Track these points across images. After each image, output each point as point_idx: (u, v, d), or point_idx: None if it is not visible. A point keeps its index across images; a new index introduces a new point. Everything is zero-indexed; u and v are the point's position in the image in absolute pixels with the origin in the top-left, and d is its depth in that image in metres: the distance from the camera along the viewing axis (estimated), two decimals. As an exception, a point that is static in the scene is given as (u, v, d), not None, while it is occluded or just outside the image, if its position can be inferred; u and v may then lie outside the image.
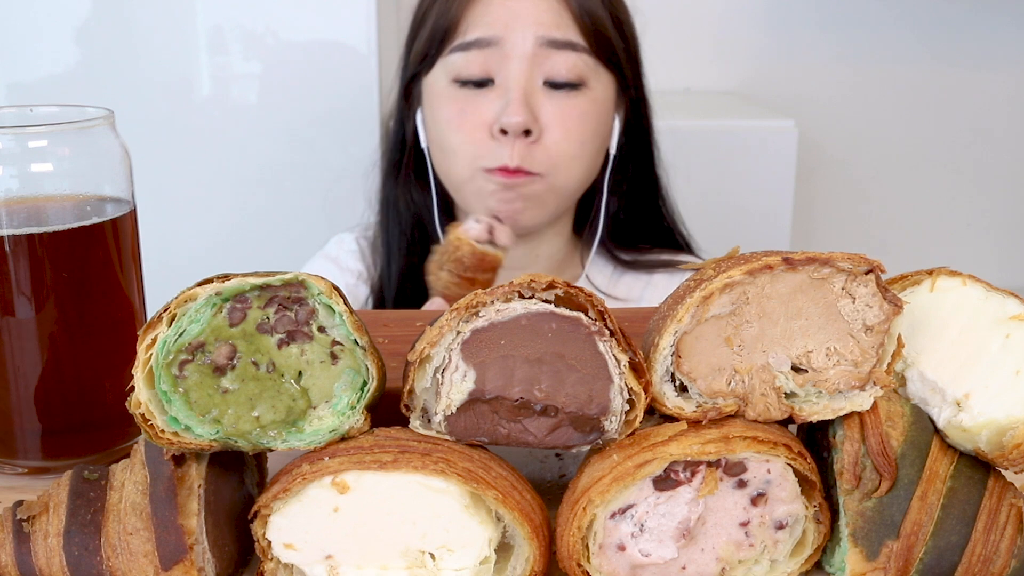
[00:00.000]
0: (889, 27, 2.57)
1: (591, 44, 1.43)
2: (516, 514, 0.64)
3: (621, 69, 1.48)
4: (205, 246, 2.07)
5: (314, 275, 0.64)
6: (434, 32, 1.46)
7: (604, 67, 1.45)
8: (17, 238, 0.79)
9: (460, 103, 1.44)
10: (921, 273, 0.71)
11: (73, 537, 0.65)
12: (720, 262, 0.67)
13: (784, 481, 0.65)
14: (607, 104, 1.48)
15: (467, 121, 1.44)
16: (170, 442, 0.64)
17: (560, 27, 1.42)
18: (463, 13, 1.44)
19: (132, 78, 1.97)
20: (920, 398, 0.68)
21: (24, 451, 0.84)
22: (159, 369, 0.63)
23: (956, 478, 0.65)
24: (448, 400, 0.64)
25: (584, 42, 1.42)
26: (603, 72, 1.46)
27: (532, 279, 0.63)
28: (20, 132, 0.80)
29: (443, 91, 1.46)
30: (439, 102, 1.47)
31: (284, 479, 0.65)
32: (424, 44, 1.48)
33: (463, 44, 1.43)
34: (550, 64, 1.42)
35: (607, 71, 1.46)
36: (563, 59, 1.41)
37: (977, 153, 2.68)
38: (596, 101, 1.46)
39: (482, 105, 1.43)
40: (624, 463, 0.64)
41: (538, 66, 1.42)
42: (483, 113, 1.43)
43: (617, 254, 1.59)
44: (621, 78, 1.49)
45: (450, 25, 1.44)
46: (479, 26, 1.43)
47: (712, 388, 0.66)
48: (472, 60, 1.43)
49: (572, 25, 1.43)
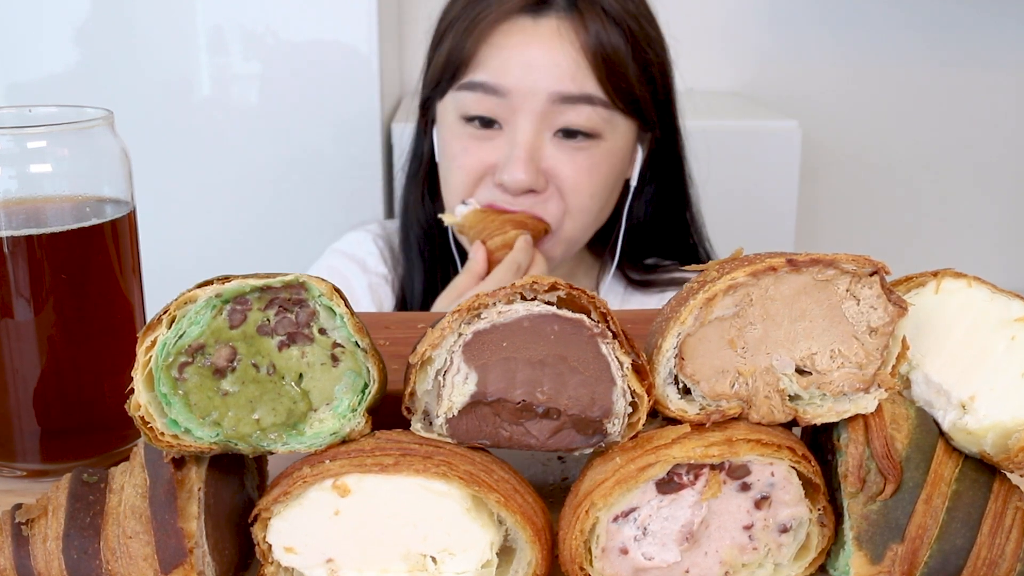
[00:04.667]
0: (893, 27, 2.56)
1: (610, 94, 1.35)
2: (518, 517, 0.64)
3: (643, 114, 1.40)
4: (205, 247, 2.06)
5: (315, 277, 0.64)
6: (447, 63, 1.40)
7: (623, 115, 1.38)
8: (16, 239, 0.79)
9: (465, 141, 1.39)
10: (926, 275, 0.70)
11: (72, 540, 0.64)
12: (723, 263, 0.67)
13: (788, 484, 0.65)
14: (624, 152, 1.41)
15: (469, 160, 1.39)
16: (170, 445, 0.63)
17: (576, 79, 1.33)
18: (476, 50, 1.37)
19: (132, 78, 1.97)
20: (925, 400, 0.67)
21: (23, 454, 0.84)
22: (159, 371, 0.62)
23: (961, 481, 0.65)
24: (450, 402, 0.64)
25: (602, 93, 1.34)
26: (622, 120, 1.38)
27: (534, 280, 0.63)
28: (19, 133, 0.80)
29: (451, 125, 1.41)
30: (447, 134, 1.43)
31: (284, 482, 0.64)
32: (437, 72, 1.43)
33: (471, 84, 1.37)
34: (562, 119, 1.35)
35: (626, 118, 1.39)
36: (576, 113, 1.34)
37: (982, 154, 2.67)
38: (610, 153, 1.38)
39: (486, 147, 1.37)
40: (627, 466, 0.64)
41: (548, 120, 1.35)
42: (486, 156, 1.37)
43: (630, 274, 1.53)
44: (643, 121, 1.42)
45: (462, 60, 1.38)
46: (490, 69, 1.36)
47: (715, 390, 0.65)
48: (479, 103, 1.37)
49: (590, 75, 1.34)
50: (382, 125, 2.02)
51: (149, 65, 1.97)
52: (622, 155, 1.41)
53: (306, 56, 1.98)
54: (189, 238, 2.05)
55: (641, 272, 1.54)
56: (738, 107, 2.42)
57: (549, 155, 1.36)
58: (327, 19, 1.97)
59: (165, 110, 1.99)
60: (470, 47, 1.37)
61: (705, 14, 2.52)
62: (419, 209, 1.54)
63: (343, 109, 2.00)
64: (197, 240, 2.06)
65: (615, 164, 1.40)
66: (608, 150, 1.38)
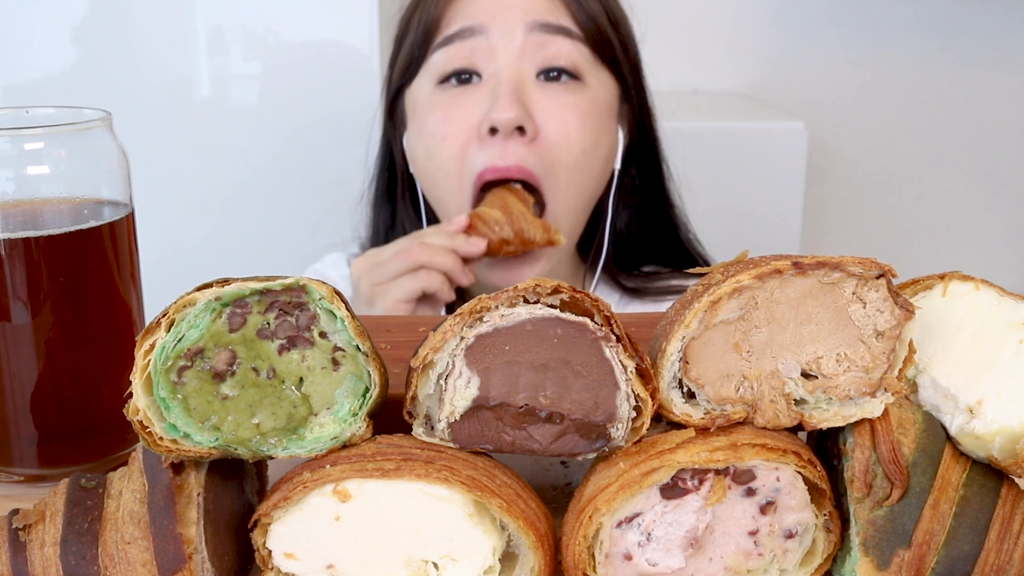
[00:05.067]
0: (899, 28, 2.56)
1: (586, 34, 1.32)
2: (521, 523, 0.64)
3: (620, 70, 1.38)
4: (204, 250, 2.06)
5: (315, 279, 0.63)
6: (416, 36, 1.36)
7: (602, 64, 1.35)
8: (13, 242, 0.78)
9: (444, 107, 1.33)
10: (933, 277, 0.70)
11: (70, 546, 0.64)
12: (728, 266, 0.66)
13: (794, 489, 0.64)
14: (608, 108, 1.37)
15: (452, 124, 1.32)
16: (169, 449, 0.63)
17: (553, 12, 1.31)
18: (445, 8, 1.33)
19: (130, 79, 1.96)
20: (932, 405, 0.67)
21: (20, 459, 0.83)
22: (157, 375, 0.62)
23: (969, 486, 0.64)
24: (452, 407, 0.64)
25: (579, 31, 1.31)
26: (602, 71, 1.35)
27: (537, 283, 0.62)
28: (16, 134, 0.79)
29: (427, 99, 1.35)
30: (423, 112, 1.36)
31: (285, 487, 0.64)
32: (407, 52, 1.38)
33: (446, 38, 1.33)
34: (543, 53, 1.30)
35: (605, 70, 1.36)
36: (557, 45, 1.30)
37: (989, 155, 2.66)
38: (596, 102, 1.34)
39: (467, 104, 1.31)
40: (631, 471, 0.63)
41: (529, 56, 1.30)
42: (469, 113, 1.31)
43: (621, 280, 1.49)
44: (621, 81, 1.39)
45: (432, 23, 1.34)
46: (462, 16, 1.32)
47: (720, 394, 0.65)
48: (455, 53, 1.31)
49: (565, 12, 1.32)
50: (382, 127, 2.01)
51: (148, 65, 1.97)
52: (607, 110, 1.37)
53: (306, 56, 1.98)
54: (188, 240, 2.04)
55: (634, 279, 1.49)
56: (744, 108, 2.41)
57: (535, 99, 1.30)
58: (327, 19, 1.96)
59: (164, 111, 1.99)
60: (438, 8, 1.34)
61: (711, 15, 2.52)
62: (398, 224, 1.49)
63: (344, 110, 1.99)
64: (196, 243, 2.05)
65: (602, 118, 1.36)
66: (592, 98, 1.34)
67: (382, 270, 1.26)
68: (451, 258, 1.25)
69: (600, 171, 1.39)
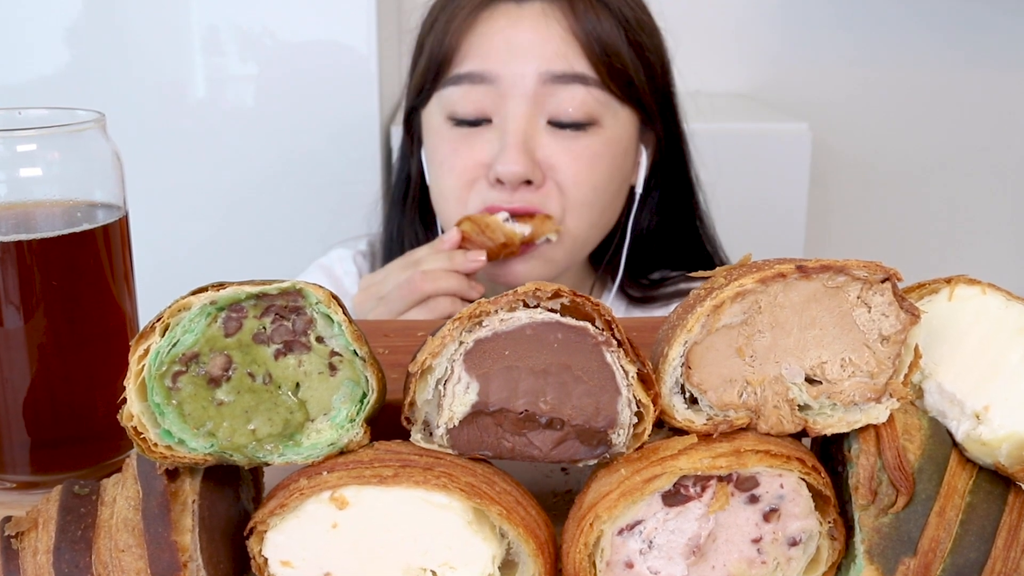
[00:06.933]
0: (904, 29, 2.55)
1: (603, 76, 1.28)
2: (521, 530, 0.63)
3: (642, 103, 1.33)
4: (199, 253, 2.05)
5: (312, 284, 0.63)
6: (429, 63, 1.34)
7: (621, 102, 1.30)
8: (5, 245, 0.78)
9: (454, 143, 1.32)
10: (939, 281, 0.69)
11: (63, 554, 0.63)
12: (731, 270, 0.66)
13: (797, 496, 0.64)
14: (626, 144, 1.33)
15: (460, 162, 1.31)
16: (163, 456, 0.62)
17: (567, 58, 1.27)
18: (458, 42, 1.31)
19: (124, 80, 1.95)
20: (938, 410, 0.66)
21: (12, 465, 0.82)
22: (152, 381, 0.61)
23: (975, 493, 0.64)
24: (450, 412, 0.63)
25: (595, 74, 1.27)
26: (619, 108, 1.31)
27: (537, 287, 0.62)
28: (8, 136, 0.79)
29: (438, 128, 1.34)
30: (434, 140, 1.36)
31: (281, 494, 0.63)
32: (420, 76, 1.37)
33: (456, 77, 1.31)
34: (555, 102, 1.27)
35: (625, 106, 1.31)
36: (570, 95, 1.27)
37: (996, 157, 2.65)
38: (611, 142, 1.30)
39: (477, 145, 1.30)
40: (632, 478, 0.62)
41: (540, 105, 1.28)
42: (478, 154, 1.30)
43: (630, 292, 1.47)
44: (643, 113, 1.35)
45: (445, 55, 1.32)
46: (474, 58, 1.30)
47: (723, 400, 0.64)
48: (466, 96, 1.30)
49: (580, 55, 1.27)
50: (381, 128, 2.01)
51: (142, 66, 1.96)
52: (624, 147, 1.34)
53: (303, 57, 1.97)
54: (183, 244, 2.03)
55: (641, 289, 1.47)
56: (748, 109, 2.40)
57: (544, 145, 1.28)
58: (325, 19, 1.95)
59: (159, 112, 1.98)
60: (452, 40, 1.31)
61: (715, 15, 2.51)
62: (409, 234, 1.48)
63: (341, 112, 1.98)
64: (191, 246, 2.04)
65: (617, 155, 1.32)
66: (608, 139, 1.30)
67: (387, 307, 1.24)
68: (455, 279, 1.23)
69: (616, 196, 1.37)
